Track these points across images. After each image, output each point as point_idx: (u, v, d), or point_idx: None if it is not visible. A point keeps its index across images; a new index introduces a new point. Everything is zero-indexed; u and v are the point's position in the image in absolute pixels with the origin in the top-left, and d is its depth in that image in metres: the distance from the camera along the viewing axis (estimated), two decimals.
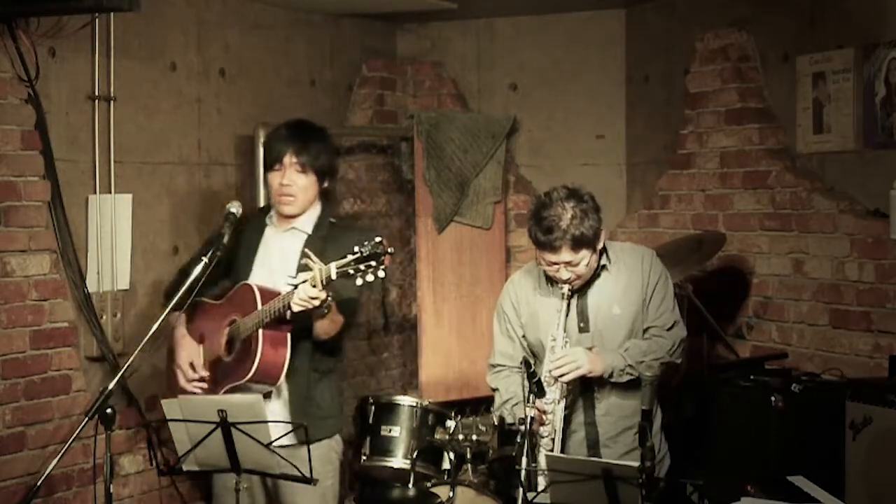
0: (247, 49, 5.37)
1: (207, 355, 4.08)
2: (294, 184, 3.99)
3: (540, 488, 3.47)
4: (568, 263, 3.74)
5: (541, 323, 3.90)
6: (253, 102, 5.35)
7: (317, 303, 3.70)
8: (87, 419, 3.54)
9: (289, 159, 3.98)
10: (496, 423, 5.13)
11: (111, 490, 3.55)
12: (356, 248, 3.57)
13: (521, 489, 3.49)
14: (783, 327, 5.14)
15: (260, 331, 3.86)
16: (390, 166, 6.13)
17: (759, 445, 4.41)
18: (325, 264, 3.64)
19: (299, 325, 3.89)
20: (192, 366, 4.03)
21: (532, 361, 3.95)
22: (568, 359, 3.75)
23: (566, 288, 3.79)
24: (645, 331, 3.90)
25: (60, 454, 3.54)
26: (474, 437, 4.94)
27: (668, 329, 3.89)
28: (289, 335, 3.90)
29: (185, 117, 5.03)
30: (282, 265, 4.02)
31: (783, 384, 4.49)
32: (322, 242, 4.00)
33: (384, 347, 6.12)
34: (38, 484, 3.59)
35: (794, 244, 5.08)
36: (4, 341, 4.20)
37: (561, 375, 3.75)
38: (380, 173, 6.09)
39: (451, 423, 4.96)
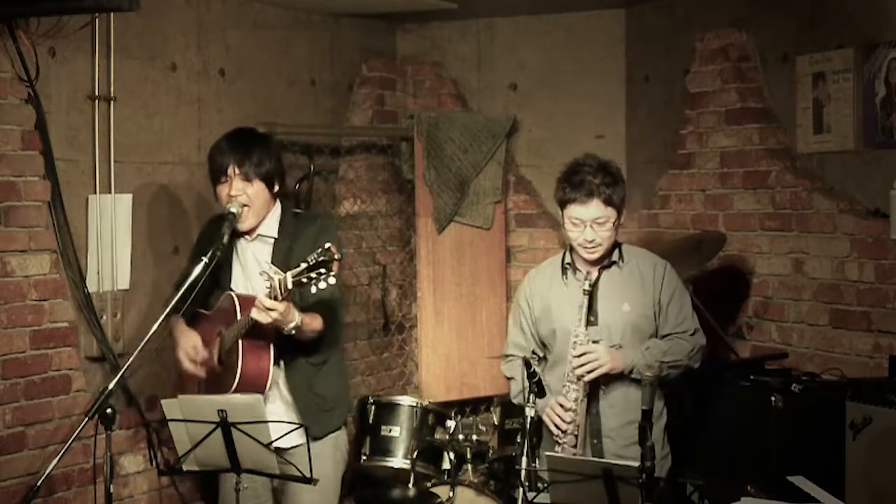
0: (247, 49, 5.36)
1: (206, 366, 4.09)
2: (243, 192, 3.98)
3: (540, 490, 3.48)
4: (595, 221, 3.78)
5: (553, 314, 3.95)
6: (253, 102, 5.35)
7: (275, 315, 3.70)
8: (87, 419, 3.55)
9: (232, 170, 3.97)
10: (496, 423, 5.16)
11: (111, 490, 3.55)
12: (308, 258, 3.61)
13: (521, 489, 3.49)
14: (783, 327, 5.14)
15: (240, 342, 3.88)
16: (390, 166, 6.13)
17: (759, 445, 4.41)
18: (285, 272, 3.66)
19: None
20: (194, 348, 4.02)
21: (541, 354, 3.98)
22: (590, 357, 3.79)
23: (586, 284, 3.81)
24: (665, 336, 3.93)
25: (60, 454, 3.54)
26: (474, 437, 4.95)
27: (691, 335, 3.94)
28: (271, 342, 3.91)
29: (185, 117, 5.02)
30: (257, 273, 4.03)
31: (783, 384, 4.49)
32: (289, 244, 4.02)
33: (384, 347, 6.12)
34: (38, 484, 3.59)
35: (794, 244, 5.08)
36: (4, 341, 4.19)
37: (585, 373, 3.79)
38: (380, 173, 6.09)
39: (451, 423, 4.97)
